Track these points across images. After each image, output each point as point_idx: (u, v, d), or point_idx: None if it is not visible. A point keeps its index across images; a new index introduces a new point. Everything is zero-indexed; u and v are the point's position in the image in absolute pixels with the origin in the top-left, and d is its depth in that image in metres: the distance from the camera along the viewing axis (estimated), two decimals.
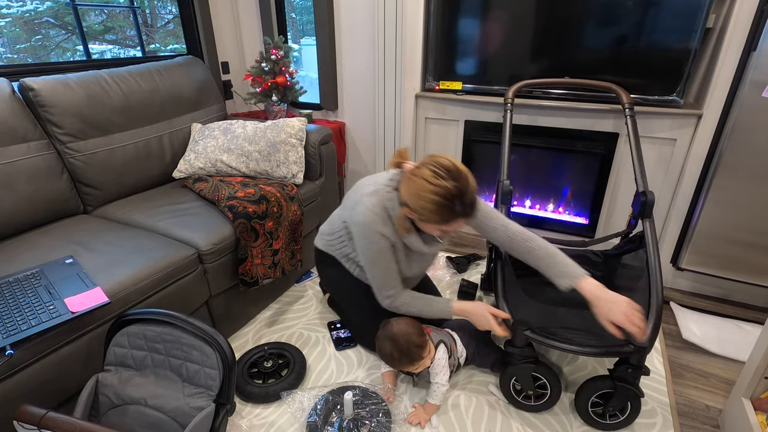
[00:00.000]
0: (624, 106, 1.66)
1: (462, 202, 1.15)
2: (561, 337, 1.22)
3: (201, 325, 1.05)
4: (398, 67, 2.15)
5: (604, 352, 1.18)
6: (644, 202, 1.45)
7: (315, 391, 1.40)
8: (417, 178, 1.17)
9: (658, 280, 1.31)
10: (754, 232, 1.65)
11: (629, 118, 1.63)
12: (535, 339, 1.23)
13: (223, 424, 1.04)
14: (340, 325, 1.70)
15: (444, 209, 1.15)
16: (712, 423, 1.33)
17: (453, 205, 1.14)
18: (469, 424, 1.31)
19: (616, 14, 1.74)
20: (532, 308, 1.41)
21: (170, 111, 1.97)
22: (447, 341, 1.38)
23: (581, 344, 1.19)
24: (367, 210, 1.28)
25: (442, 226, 1.20)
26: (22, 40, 2.23)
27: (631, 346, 1.16)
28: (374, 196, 1.30)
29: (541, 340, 1.22)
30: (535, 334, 1.23)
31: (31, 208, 1.50)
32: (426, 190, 1.14)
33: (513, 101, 1.76)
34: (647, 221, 1.45)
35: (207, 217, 1.57)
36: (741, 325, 1.70)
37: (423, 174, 1.16)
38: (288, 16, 2.69)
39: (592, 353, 1.19)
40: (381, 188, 1.31)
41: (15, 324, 1.02)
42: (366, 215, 1.28)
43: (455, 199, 1.14)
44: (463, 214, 1.17)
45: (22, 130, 1.50)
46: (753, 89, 1.50)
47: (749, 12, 1.50)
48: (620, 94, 1.70)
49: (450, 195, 1.13)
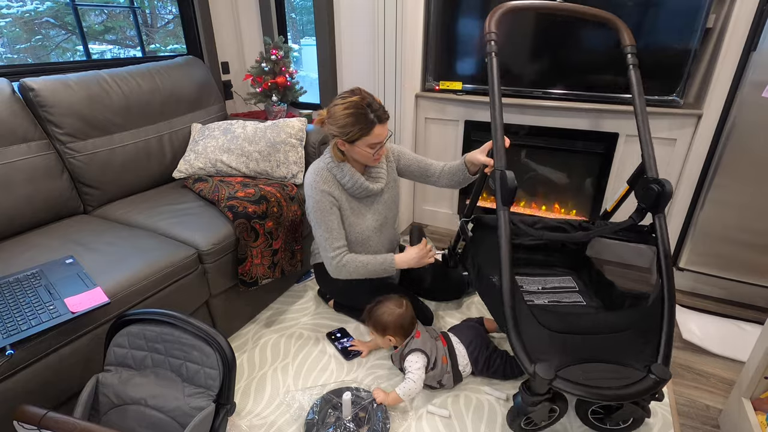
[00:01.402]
0: (625, 50, 1.34)
1: (372, 108, 1.36)
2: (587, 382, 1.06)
3: (201, 325, 1.05)
4: (398, 67, 2.15)
5: (634, 393, 1.05)
6: (660, 192, 1.21)
7: (314, 391, 1.40)
8: (333, 110, 1.39)
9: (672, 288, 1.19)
10: (754, 232, 1.65)
11: (632, 68, 1.31)
12: (561, 390, 1.06)
13: (223, 424, 1.04)
14: (340, 334, 1.65)
15: (360, 117, 1.35)
16: (712, 423, 1.33)
17: (366, 111, 1.35)
18: (469, 423, 1.31)
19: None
20: (547, 341, 1.15)
21: (170, 111, 1.97)
22: (431, 352, 1.38)
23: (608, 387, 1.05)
24: (310, 173, 1.48)
25: (367, 137, 1.37)
26: (22, 40, 2.23)
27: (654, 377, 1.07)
28: (316, 163, 1.51)
29: (567, 391, 1.06)
30: (561, 383, 1.06)
31: (31, 208, 1.50)
32: (340, 110, 1.36)
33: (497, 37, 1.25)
34: (659, 216, 1.24)
35: (207, 217, 1.57)
36: (741, 325, 1.70)
37: (335, 104, 1.39)
38: (288, 16, 2.69)
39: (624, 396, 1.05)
40: (320, 158, 1.53)
41: (15, 324, 1.02)
42: (309, 177, 1.48)
43: (366, 107, 1.35)
44: (378, 119, 1.37)
45: (22, 131, 1.50)
46: (753, 89, 1.50)
47: (749, 12, 1.50)
48: (621, 31, 1.36)
49: (359, 104, 1.35)
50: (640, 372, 1.09)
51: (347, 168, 1.47)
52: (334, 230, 1.48)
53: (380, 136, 1.40)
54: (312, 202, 1.46)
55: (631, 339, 1.16)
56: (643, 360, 1.12)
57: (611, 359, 1.12)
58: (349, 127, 1.36)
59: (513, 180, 1.16)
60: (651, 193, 1.23)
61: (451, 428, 1.29)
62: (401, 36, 2.08)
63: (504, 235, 1.17)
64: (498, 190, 1.19)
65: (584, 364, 1.11)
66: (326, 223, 1.47)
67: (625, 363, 1.11)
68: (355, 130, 1.36)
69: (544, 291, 1.61)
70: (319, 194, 1.45)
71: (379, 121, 1.37)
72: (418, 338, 1.41)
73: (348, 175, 1.47)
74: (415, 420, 1.31)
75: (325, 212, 1.46)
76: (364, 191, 1.51)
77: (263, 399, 1.39)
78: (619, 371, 1.10)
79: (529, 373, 1.08)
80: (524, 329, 1.14)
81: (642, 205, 1.30)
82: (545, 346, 1.13)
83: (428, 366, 1.37)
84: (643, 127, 1.29)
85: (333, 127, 1.39)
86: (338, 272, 1.49)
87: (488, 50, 1.24)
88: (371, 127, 1.36)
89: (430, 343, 1.41)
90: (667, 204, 1.24)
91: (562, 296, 1.58)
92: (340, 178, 1.48)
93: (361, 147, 1.40)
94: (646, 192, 1.25)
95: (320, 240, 1.49)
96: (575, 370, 1.09)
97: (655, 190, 1.22)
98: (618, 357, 1.12)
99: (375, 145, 1.41)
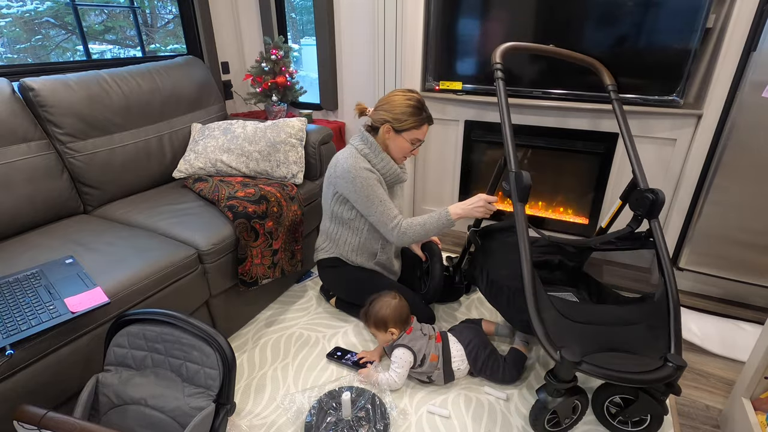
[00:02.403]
0: (608, 88, 1.55)
1: (425, 109, 1.50)
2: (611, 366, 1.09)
3: (201, 325, 1.05)
4: (398, 67, 2.15)
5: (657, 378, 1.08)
6: (654, 200, 1.34)
7: (314, 391, 1.40)
8: (392, 98, 1.50)
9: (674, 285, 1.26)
10: (754, 232, 1.65)
11: (615, 102, 1.51)
12: (589, 372, 1.08)
13: (223, 424, 1.04)
14: (340, 352, 1.55)
15: (417, 111, 1.47)
16: (712, 423, 1.33)
17: (423, 108, 1.49)
18: (469, 423, 1.31)
19: (616, 14, 1.74)
20: (569, 330, 1.20)
21: (170, 111, 1.97)
22: (419, 351, 1.39)
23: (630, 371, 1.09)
24: (346, 158, 1.51)
25: (415, 131, 1.49)
26: (22, 40, 2.23)
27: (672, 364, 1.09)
28: (346, 150, 1.56)
29: (594, 374, 1.08)
30: (587, 367, 1.09)
31: (31, 208, 1.50)
32: (402, 100, 1.48)
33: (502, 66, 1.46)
34: (655, 222, 1.36)
35: (207, 217, 1.57)
36: (741, 325, 1.70)
37: (395, 94, 1.51)
38: (288, 16, 2.69)
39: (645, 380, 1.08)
40: (348, 146, 1.57)
41: (15, 324, 1.02)
42: (347, 161, 1.50)
43: (423, 105, 1.50)
44: (428, 120, 1.51)
45: (22, 130, 1.50)
46: (753, 89, 1.50)
47: (749, 12, 1.50)
48: (602, 73, 1.57)
49: (420, 101, 1.49)
50: (657, 362, 1.13)
51: (383, 154, 1.54)
52: (386, 201, 1.50)
53: (424, 134, 1.53)
54: (359, 182, 1.47)
55: (644, 332, 1.21)
56: (657, 351, 1.16)
57: (628, 349, 1.17)
58: (405, 116, 1.46)
59: (528, 178, 1.28)
60: (646, 202, 1.37)
61: (451, 428, 1.29)
62: (401, 36, 2.08)
63: (522, 228, 1.25)
64: (514, 188, 1.30)
65: (605, 353, 1.15)
66: (378, 196, 1.49)
67: (640, 353, 1.15)
68: (411, 121, 1.47)
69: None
70: (363, 172, 1.48)
71: (429, 121, 1.51)
72: (408, 334, 1.44)
73: (384, 161, 1.54)
74: (415, 420, 1.31)
75: (374, 186, 1.49)
76: (395, 178, 1.59)
77: (263, 399, 1.39)
78: (639, 359, 1.14)
79: (556, 359, 1.12)
80: (546, 317, 1.19)
81: (638, 213, 1.42)
82: (566, 335, 1.17)
83: (415, 362, 1.39)
84: (630, 147, 1.45)
85: (387, 113, 1.48)
86: (401, 240, 1.51)
87: (496, 77, 1.45)
88: (423, 123, 1.49)
89: (420, 340, 1.42)
90: (660, 210, 1.36)
91: None
92: (375, 162, 1.54)
93: (405, 138, 1.50)
94: (641, 201, 1.39)
95: (378, 215, 1.50)
96: (598, 356, 1.13)
97: (650, 198, 1.36)
98: (635, 348, 1.16)
99: (416, 142, 1.52)
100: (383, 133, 1.51)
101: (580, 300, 1.65)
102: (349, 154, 1.51)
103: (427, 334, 1.46)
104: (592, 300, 1.63)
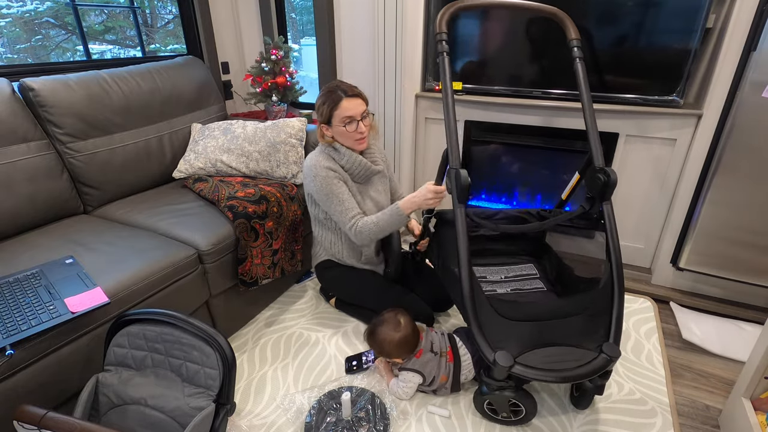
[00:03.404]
0: (571, 44, 1.39)
1: (340, 87, 1.44)
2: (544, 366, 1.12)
3: (201, 325, 1.05)
4: (398, 67, 2.15)
5: (587, 372, 1.11)
6: (606, 182, 1.26)
7: (314, 391, 1.40)
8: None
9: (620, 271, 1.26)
10: (754, 232, 1.65)
11: (578, 61, 1.37)
12: (520, 375, 1.12)
13: (223, 424, 1.04)
14: (356, 362, 1.51)
15: (327, 94, 1.44)
16: (712, 423, 1.33)
17: (333, 89, 1.44)
18: (469, 423, 1.31)
19: (616, 14, 1.74)
20: (505, 329, 1.21)
21: (170, 111, 1.97)
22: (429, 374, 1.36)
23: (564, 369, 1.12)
24: (308, 160, 1.53)
25: (337, 111, 1.43)
26: (22, 40, 2.23)
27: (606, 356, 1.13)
28: (311, 154, 1.56)
29: (526, 376, 1.12)
30: (520, 369, 1.12)
31: (31, 208, 1.50)
32: (318, 97, 1.48)
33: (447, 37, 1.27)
34: (606, 204, 1.29)
35: (207, 217, 1.57)
36: (741, 325, 1.70)
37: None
38: (288, 16, 2.69)
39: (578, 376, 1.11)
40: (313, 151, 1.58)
41: (15, 324, 1.02)
42: (310, 159, 1.51)
43: (334, 87, 1.45)
44: (344, 93, 1.43)
45: (22, 130, 1.50)
46: (753, 89, 1.50)
47: (749, 12, 1.50)
48: (566, 24, 1.42)
49: (328, 87, 1.47)
50: (592, 352, 1.15)
51: (344, 149, 1.50)
52: (346, 200, 1.49)
53: (349, 109, 1.43)
54: (318, 180, 1.47)
55: (585, 322, 1.22)
56: (596, 341, 1.18)
57: (566, 342, 1.18)
58: (321, 107, 1.46)
59: (467, 178, 1.22)
60: (597, 182, 1.29)
61: (451, 428, 1.29)
62: (401, 36, 2.08)
63: (461, 232, 1.22)
64: (454, 188, 1.24)
65: (541, 349, 1.17)
66: (337, 195, 1.48)
67: (579, 345, 1.17)
68: (325, 108, 1.45)
69: (506, 280, 1.68)
70: (323, 171, 1.47)
71: (344, 94, 1.43)
72: (418, 358, 1.37)
73: (346, 155, 1.50)
74: (415, 420, 1.32)
75: (333, 185, 1.48)
76: (364, 170, 1.54)
77: (263, 399, 1.39)
78: (574, 353, 1.16)
79: (489, 362, 1.14)
80: (484, 320, 1.20)
81: (589, 194, 1.35)
82: (504, 335, 1.19)
83: (424, 382, 1.37)
84: (590, 119, 1.36)
85: (316, 115, 1.50)
86: (359, 239, 1.51)
87: (439, 50, 1.26)
88: (338, 100, 1.43)
89: (431, 363, 1.36)
90: (612, 192, 1.28)
91: (524, 283, 1.65)
92: (338, 159, 1.51)
93: (337, 125, 1.46)
94: (593, 181, 1.31)
95: (337, 214, 1.50)
96: (533, 355, 1.15)
97: (601, 179, 1.27)
98: (572, 340, 1.18)
99: (348, 120, 1.44)
100: (324, 132, 1.50)
101: (540, 272, 1.70)
102: (312, 155, 1.53)
103: (438, 352, 1.38)
104: (550, 272, 1.68)
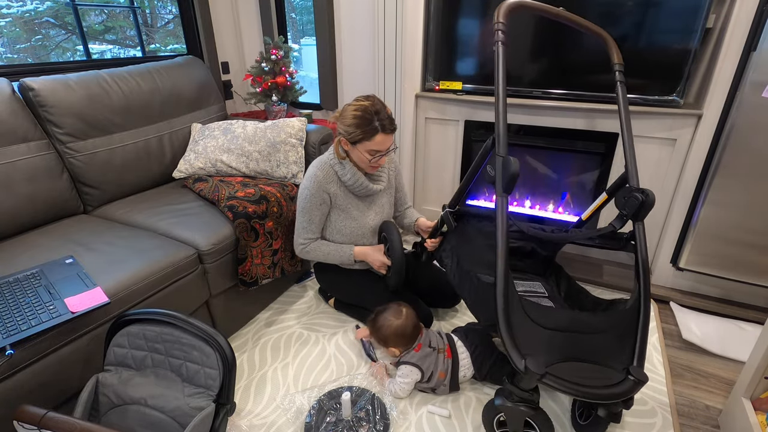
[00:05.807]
0: (614, 67, 1.43)
1: (379, 117, 1.39)
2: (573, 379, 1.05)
3: (201, 325, 1.05)
4: (398, 67, 2.15)
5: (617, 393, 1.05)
6: (643, 201, 1.23)
7: (314, 391, 1.40)
8: (345, 108, 1.44)
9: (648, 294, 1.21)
10: (754, 232, 1.65)
11: (620, 85, 1.40)
12: (551, 386, 1.04)
13: (223, 424, 1.04)
14: (369, 343, 1.56)
15: (365, 122, 1.38)
16: (712, 423, 1.33)
17: (372, 118, 1.38)
18: (469, 423, 1.31)
19: (616, 14, 1.74)
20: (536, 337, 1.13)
21: (170, 111, 1.97)
22: (427, 369, 1.36)
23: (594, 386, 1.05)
24: (313, 166, 1.54)
25: (368, 143, 1.41)
26: (22, 40, 2.23)
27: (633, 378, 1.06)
28: (319, 159, 1.56)
29: (557, 387, 1.04)
30: (550, 379, 1.03)
31: (31, 208, 1.50)
32: (350, 111, 1.41)
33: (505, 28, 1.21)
34: (639, 224, 1.26)
35: (207, 217, 1.57)
36: (741, 325, 1.70)
37: (349, 103, 1.44)
38: (288, 16, 2.69)
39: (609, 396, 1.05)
40: (325, 153, 1.57)
41: (15, 324, 1.02)
42: (311, 169, 1.53)
43: (373, 114, 1.39)
44: (382, 128, 1.40)
45: (22, 130, 1.50)
46: (753, 89, 1.50)
47: (749, 12, 1.50)
48: (611, 48, 1.46)
49: (367, 109, 1.39)
50: (619, 374, 1.09)
51: (349, 166, 1.51)
52: (314, 223, 1.56)
53: (381, 144, 1.42)
54: (307, 192, 1.52)
55: (611, 341, 1.16)
56: (623, 362, 1.12)
57: (593, 359, 1.12)
58: (353, 128, 1.41)
59: (516, 166, 1.10)
60: (634, 202, 1.25)
61: (451, 428, 1.29)
62: (401, 36, 2.08)
63: (501, 223, 1.11)
64: (499, 176, 1.13)
65: (570, 363, 1.09)
66: (310, 215, 1.54)
67: (605, 364, 1.11)
68: (358, 132, 1.41)
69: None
70: (316, 187, 1.51)
71: (382, 129, 1.40)
72: (417, 352, 1.39)
73: (350, 173, 1.51)
74: (415, 420, 1.32)
75: (315, 206, 1.53)
76: (364, 190, 1.56)
77: (263, 399, 1.39)
78: (602, 371, 1.10)
79: (519, 369, 1.05)
80: (515, 323, 1.10)
81: (623, 213, 1.31)
82: (535, 342, 1.10)
83: (422, 378, 1.37)
84: (628, 140, 1.34)
85: (341, 125, 1.45)
86: (302, 256, 1.62)
87: (495, 39, 1.20)
88: (373, 133, 1.40)
89: (430, 358, 1.38)
90: (648, 213, 1.25)
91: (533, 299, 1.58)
92: (341, 174, 1.53)
93: (361, 150, 1.44)
94: (629, 201, 1.27)
95: (298, 225, 1.58)
96: (561, 367, 1.07)
97: (639, 198, 1.24)
98: (599, 358, 1.12)
99: (374, 153, 1.44)
100: (343, 145, 1.48)
101: (548, 291, 1.62)
102: (318, 164, 1.54)
103: (436, 348, 1.41)
104: (559, 293, 1.62)
